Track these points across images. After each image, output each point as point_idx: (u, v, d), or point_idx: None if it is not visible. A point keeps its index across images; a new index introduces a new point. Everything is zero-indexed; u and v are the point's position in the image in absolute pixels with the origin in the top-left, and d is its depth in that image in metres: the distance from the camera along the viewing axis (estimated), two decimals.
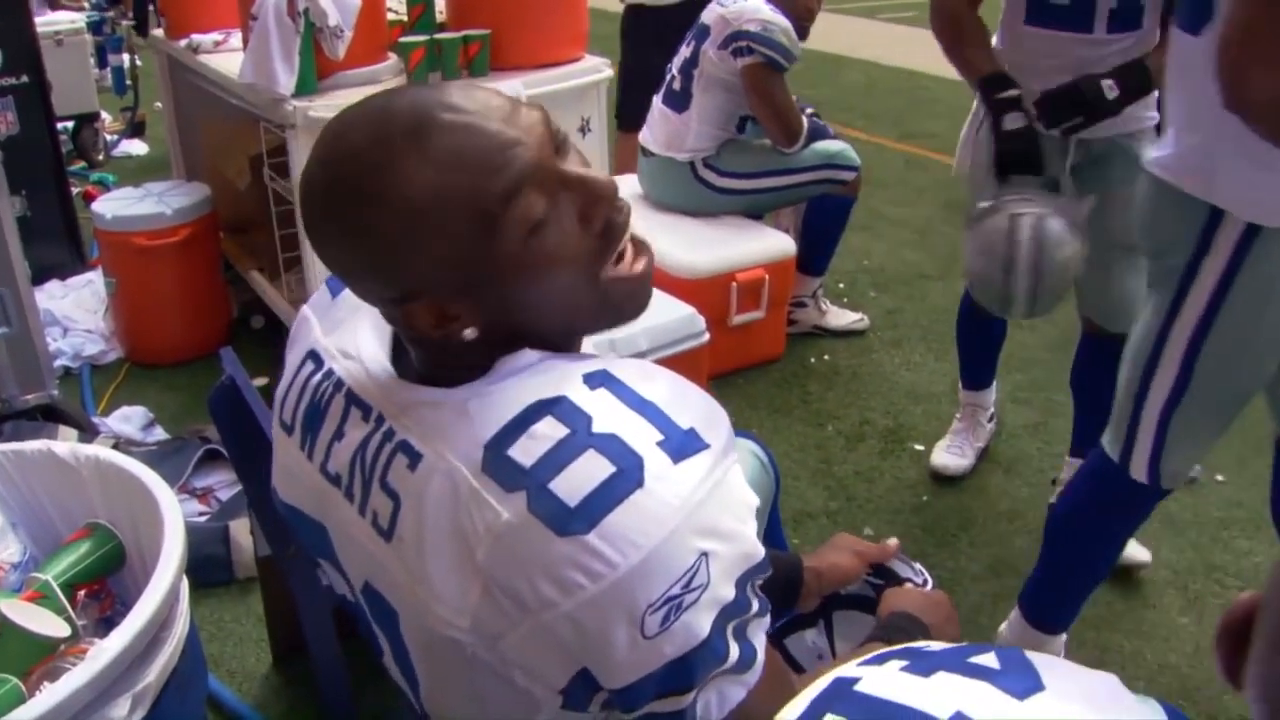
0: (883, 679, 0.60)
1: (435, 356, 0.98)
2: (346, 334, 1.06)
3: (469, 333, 0.92)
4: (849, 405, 3.28)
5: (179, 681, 1.42)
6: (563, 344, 0.97)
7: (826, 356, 3.59)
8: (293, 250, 3.18)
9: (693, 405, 0.91)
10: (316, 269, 3.00)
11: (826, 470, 2.93)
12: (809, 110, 3.51)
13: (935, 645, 0.65)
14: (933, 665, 0.60)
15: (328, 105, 2.79)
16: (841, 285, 4.11)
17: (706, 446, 0.88)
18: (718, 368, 3.19)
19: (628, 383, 0.90)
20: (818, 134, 3.48)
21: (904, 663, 0.62)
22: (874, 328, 3.78)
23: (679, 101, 3.44)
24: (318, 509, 1.05)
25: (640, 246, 0.97)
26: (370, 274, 0.91)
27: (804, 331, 3.69)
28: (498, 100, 0.90)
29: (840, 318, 3.74)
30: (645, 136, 3.56)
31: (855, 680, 0.62)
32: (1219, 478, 2.91)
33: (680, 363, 2.72)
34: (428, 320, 0.92)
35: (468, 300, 0.91)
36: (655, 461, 0.85)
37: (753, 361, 3.47)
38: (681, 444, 0.87)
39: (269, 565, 2.08)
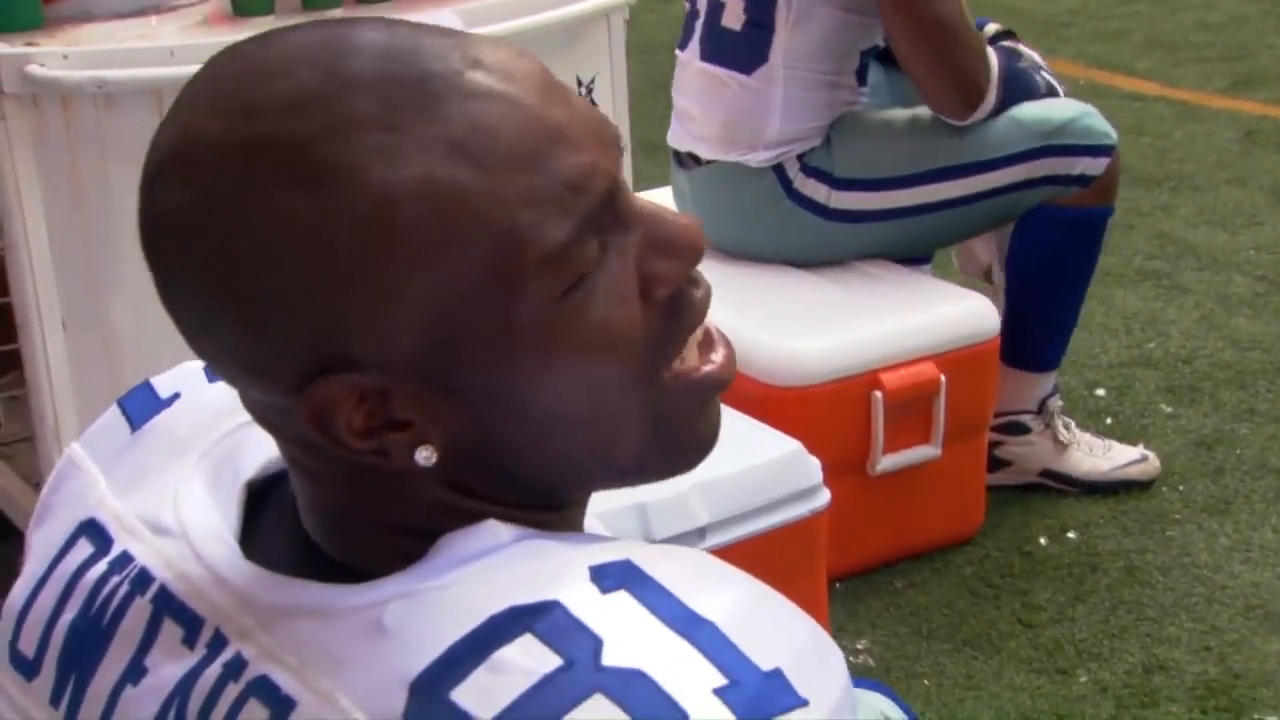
0: None
1: (344, 519, 0.74)
2: (159, 493, 0.80)
3: (424, 456, 0.69)
4: (1122, 633, 2.40)
5: None
6: (557, 514, 0.77)
7: (1071, 534, 2.59)
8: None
9: (781, 630, 0.70)
10: (55, 377, 2.07)
11: None
12: (992, 31, 2.53)
13: None
14: None
15: (77, 55, 1.92)
16: (1100, 392, 2.98)
17: (803, 703, 0.67)
18: (849, 556, 2.45)
19: (667, 584, 0.68)
20: (1022, 87, 2.48)
21: None
22: (1170, 475, 2.72)
23: (744, 50, 2.50)
24: None
25: (714, 338, 0.78)
26: (280, 313, 0.66)
27: (1026, 483, 2.68)
28: (525, 59, 0.69)
29: (1101, 455, 2.69)
30: (678, 132, 2.69)
31: None
32: None
33: (777, 546, 2.17)
34: (348, 420, 0.67)
35: (433, 392, 0.68)
36: None
37: (921, 544, 2.57)
38: (759, 696, 0.66)
39: None
